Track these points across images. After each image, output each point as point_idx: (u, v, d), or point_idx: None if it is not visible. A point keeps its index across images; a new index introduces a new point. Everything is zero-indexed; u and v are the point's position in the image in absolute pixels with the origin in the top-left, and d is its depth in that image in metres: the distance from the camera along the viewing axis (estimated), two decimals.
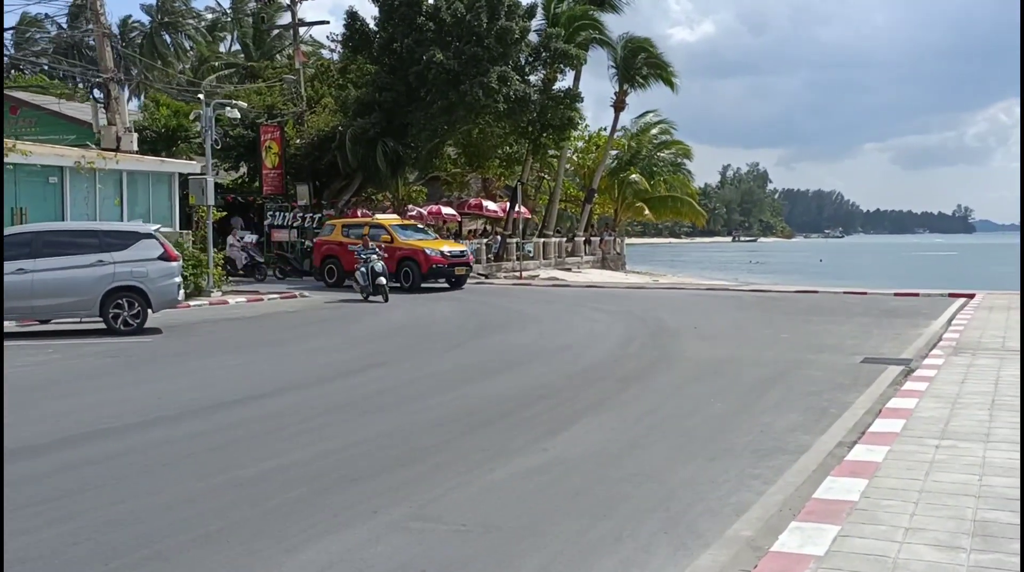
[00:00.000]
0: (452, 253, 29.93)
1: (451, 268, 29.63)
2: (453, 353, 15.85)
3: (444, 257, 29.37)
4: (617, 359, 14.95)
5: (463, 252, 31.03)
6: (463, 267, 30.46)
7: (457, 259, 30.01)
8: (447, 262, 29.38)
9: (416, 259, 29.13)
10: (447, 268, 29.49)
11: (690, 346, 16.35)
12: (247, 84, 47.13)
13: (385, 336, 18.26)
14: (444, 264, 29.27)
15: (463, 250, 31.28)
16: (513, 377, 13.06)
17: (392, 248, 28.82)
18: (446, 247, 30.27)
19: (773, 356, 15.06)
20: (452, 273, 29.78)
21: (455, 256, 29.98)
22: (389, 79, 37.91)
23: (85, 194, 24.40)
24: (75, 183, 24.37)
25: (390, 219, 32.74)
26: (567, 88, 40.99)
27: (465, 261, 30.77)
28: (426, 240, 30.50)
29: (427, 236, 31.54)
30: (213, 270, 26.86)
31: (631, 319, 21.05)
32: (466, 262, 30.92)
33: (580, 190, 57.85)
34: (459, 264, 30.12)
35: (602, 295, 28.59)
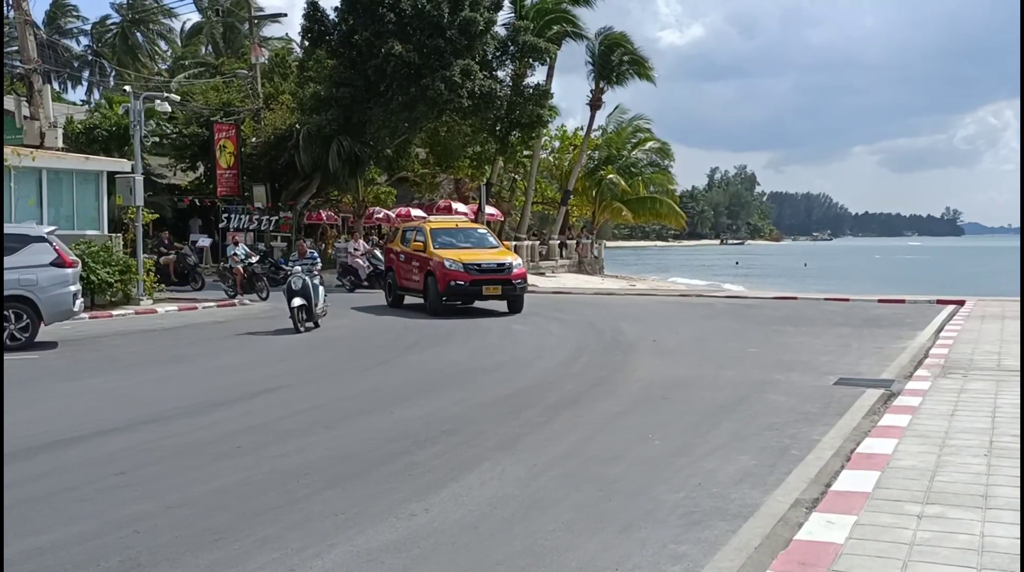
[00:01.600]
0: (484, 266, 22.14)
1: (477, 286, 21.92)
2: (371, 373, 13.84)
3: (469, 271, 21.89)
4: (556, 380, 12.97)
5: (504, 265, 22.43)
6: (499, 285, 22.11)
7: (493, 274, 22.14)
8: (469, 279, 21.85)
9: (435, 274, 22.20)
10: (469, 286, 21.92)
11: (643, 364, 14.38)
12: (202, 80, 45.04)
13: (306, 352, 16.23)
14: (466, 281, 21.83)
15: (504, 262, 22.54)
16: (424, 405, 11.06)
17: (423, 258, 22.89)
18: (484, 258, 22.52)
19: (735, 376, 13.10)
20: (480, 292, 22.04)
21: (490, 270, 22.17)
22: (347, 74, 35.95)
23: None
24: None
25: (443, 221, 25.86)
26: (536, 84, 39.03)
27: (508, 277, 22.20)
28: (473, 250, 23.02)
29: (485, 244, 24.03)
30: (144, 276, 24.80)
31: (587, 330, 19.10)
32: (508, 278, 22.20)
33: (557, 192, 55.93)
34: (495, 281, 22.11)
35: (566, 302, 26.61)
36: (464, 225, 25.67)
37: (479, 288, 21.96)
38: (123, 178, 24.51)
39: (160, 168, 43.71)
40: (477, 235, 24.67)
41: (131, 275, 24.24)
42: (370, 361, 14.96)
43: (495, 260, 22.54)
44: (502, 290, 22.11)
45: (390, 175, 44.20)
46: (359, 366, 14.46)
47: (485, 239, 24.48)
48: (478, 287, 21.96)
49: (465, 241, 23.76)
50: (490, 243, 24.22)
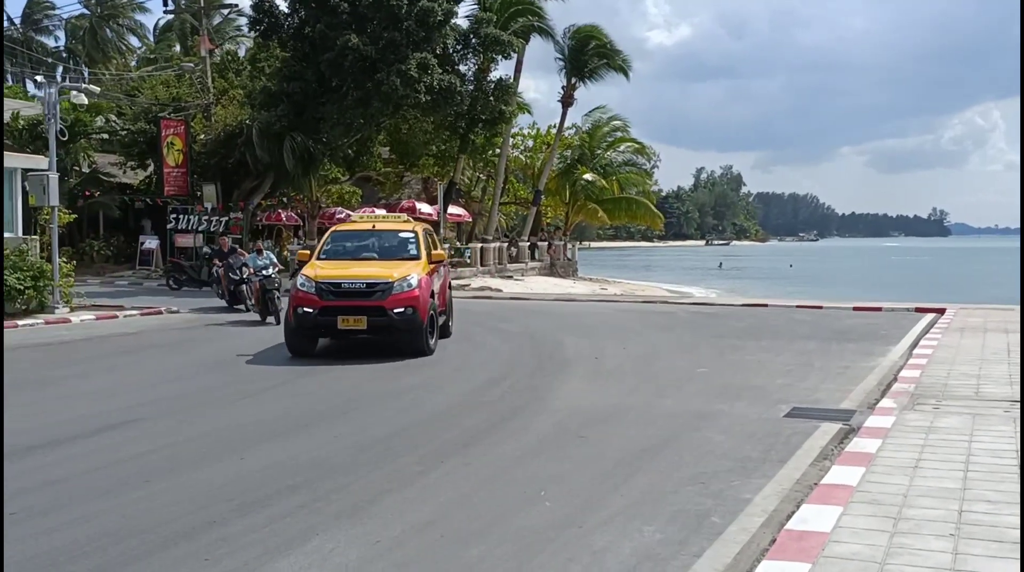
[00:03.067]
0: (346, 287, 15.36)
1: (330, 316, 15.28)
2: (250, 402, 11.92)
3: (321, 294, 15.30)
4: (462, 411, 11.13)
5: (378, 285, 15.37)
6: (363, 314, 15.27)
7: (356, 300, 15.34)
8: (320, 305, 15.28)
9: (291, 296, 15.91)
10: (318, 316, 15.34)
11: (572, 388, 12.56)
12: (158, 73, 43.10)
13: (198, 373, 14.32)
14: (315, 307, 15.29)
15: (379, 282, 15.43)
16: (289, 445, 9.22)
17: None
18: (354, 274, 15.72)
19: (672, 406, 11.29)
20: (334, 325, 15.34)
21: (352, 293, 15.36)
22: (299, 68, 34.15)
23: None
24: None
25: (359, 221, 19.20)
26: (499, 79, 37.19)
27: (379, 302, 15.25)
28: (358, 263, 16.49)
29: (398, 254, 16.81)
30: (60, 282, 22.89)
31: (526, 344, 17.28)
32: (380, 305, 15.24)
33: (530, 192, 54.12)
34: (358, 309, 15.30)
35: (518, 310, 24.77)
36: (390, 226, 17.82)
37: (333, 318, 15.17)
38: (35, 176, 22.52)
39: (110, 167, 41.80)
40: (397, 240, 17.28)
41: (45, 281, 22.33)
42: (259, 385, 13.05)
43: (368, 278, 15.44)
44: (368, 322, 15.08)
45: (351, 174, 42.33)
46: (242, 392, 12.55)
47: (404, 247, 16.98)
48: (331, 317, 15.21)
49: (371, 250, 17.18)
50: (406, 253, 16.68)
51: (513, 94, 43.47)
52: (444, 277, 18.12)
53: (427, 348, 15.70)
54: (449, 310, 18.48)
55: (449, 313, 18.45)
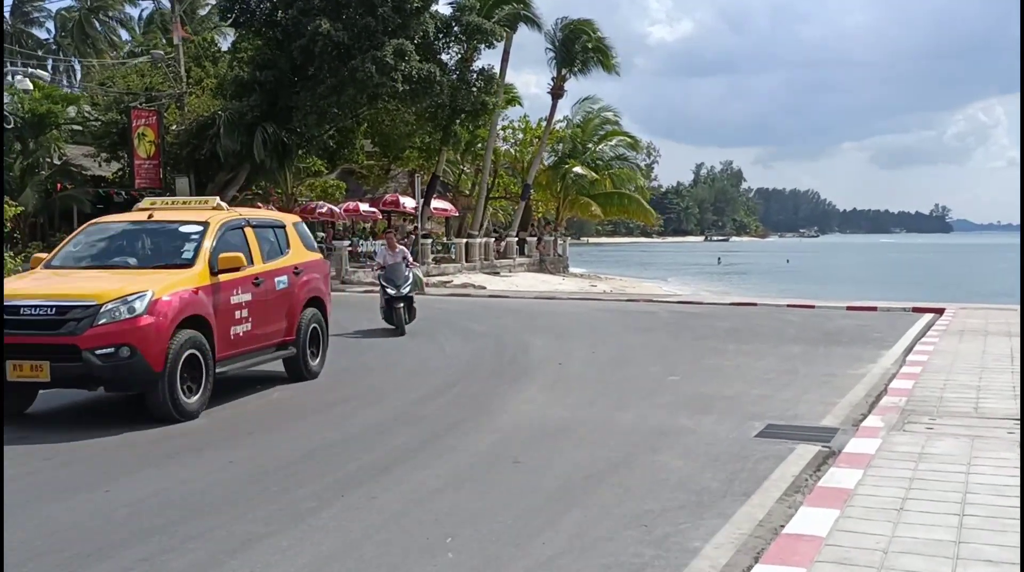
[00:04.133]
0: (24, 314, 9.57)
1: None
2: (150, 418, 10.64)
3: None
4: (395, 425, 9.82)
5: (70, 310, 9.63)
6: (43, 357, 9.53)
7: (32, 334, 9.57)
8: None
9: None
10: None
11: (524, 399, 11.24)
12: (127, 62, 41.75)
13: None
14: None
15: (76, 305, 9.67)
16: (168, 474, 7.93)
17: None
18: (49, 292, 9.96)
19: (632, 420, 9.98)
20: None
21: (28, 324, 9.57)
22: (272, 55, 32.74)
23: None
24: None
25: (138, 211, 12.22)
26: (482, 68, 35.82)
27: (72, 338, 9.52)
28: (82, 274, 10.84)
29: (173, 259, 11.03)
30: None
31: (491, 346, 15.98)
32: (72, 342, 9.53)
33: (520, 186, 52.78)
34: (31, 348, 9.54)
35: (495, 308, 23.45)
36: (173, 216, 11.96)
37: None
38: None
39: (84, 159, 40.40)
40: (174, 238, 11.51)
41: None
42: None
43: (61, 297, 9.79)
44: (51, 370, 9.53)
45: (332, 166, 40.96)
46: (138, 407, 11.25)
47: (178, 249, 11.20)
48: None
49: (131, 252, 11.47)
50: (178, 258, 10.97)
51: (500, 85, 42.26)
52: (292, 289, 12.43)
53: (172, 411, 9.89)
54: (318, 339, 13.06)
55: (318, 342, 13.06)
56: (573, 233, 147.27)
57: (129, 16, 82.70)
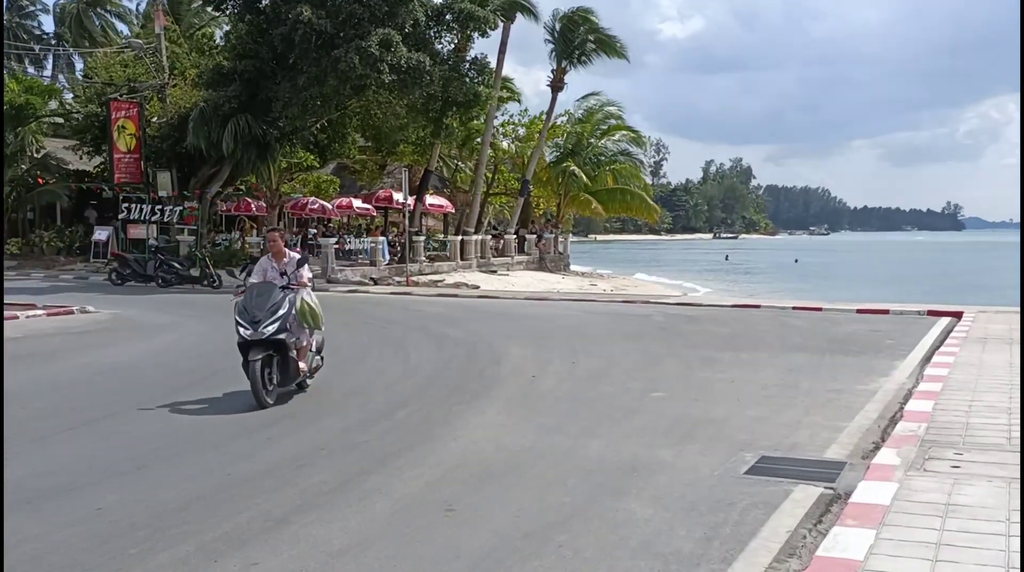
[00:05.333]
0: None
1: None
2: (34, 446, 9.08)
3: None
4: (321, 456, 8.28)
5: None
6: None
7: None
8: None
9: None
10: None
11: (482, 421, 9.69)
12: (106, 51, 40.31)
13: None
14: None
15: None
16: (10, 526, 6.42)
17: None
18: None
19: (600, 450, 8.44)
20: None
21: None
22: (253, 44, 31.30)
23: None
24: None
25: None
26: (474, 58, 34.20)
27: None
28: None
29: None
30: None
31: (462, 355, 14.45)
32: None
33: (519, 182, 51.18)
34: None
35: (479, 311, 21.90)
36: None
37: None
38: None
39: (64, 151, 39.06)
40: None
41: None
42: (63, 422, 10.16)
43: None
44: None
45: (323, 161, 39.43)
46: (36, 431, 9.68)
47: None
48: None
49: None
50: None
51: (496, 77, 40.71)
52: None
53: None
54: None
55: None
56: (580, 230, 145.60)
57: (128, 10, 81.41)
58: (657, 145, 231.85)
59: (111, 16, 79.64)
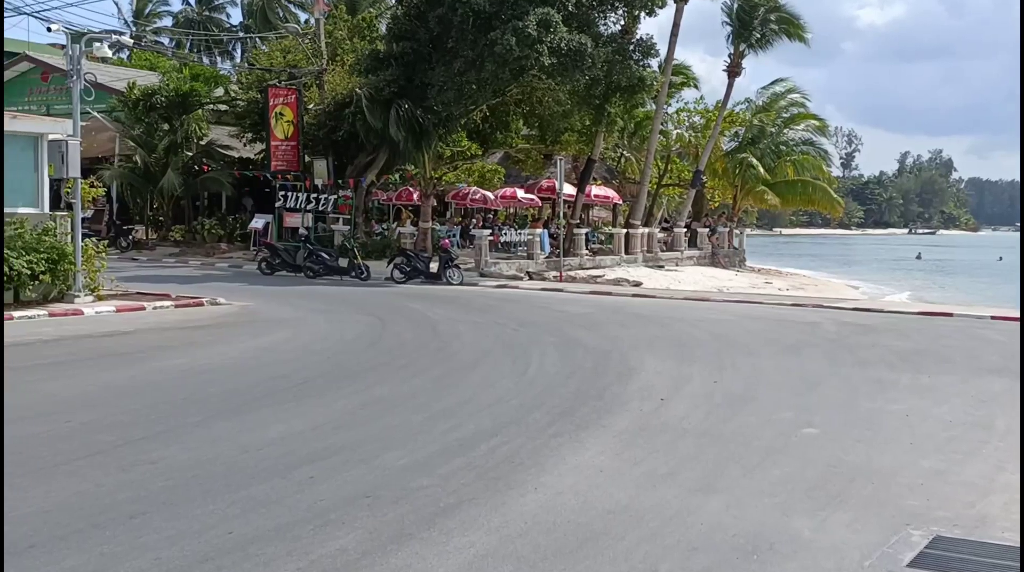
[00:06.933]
0: None
1: None
2: (65, 472, 7.77)
3: None
4: (362, 503, 6.64)
5: None
6: None
7: None
8: None
9: None
10: None
11: (576, 463, 7.85)
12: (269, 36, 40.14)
13: (73, 409, 10.27)
14: None
15: None
16: None
17: None
18: None
19: (716, 515, 6.48)
20: None
21: None
22: (410, 26, 30.10)
23: None
24: None
25: None
26: (639, 38, 32.03)
27: None
28: None
29: None
30: (82, 266, 19.62)
31: (588, 367, 12.61)
32: None
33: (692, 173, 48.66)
34: None
35: (627, 312, 19.96)
36: None
37: None
38: (53, 144, 19.22)
39: (229, 139, 39.10)
40: None
41: (66, 265, 19.10)
42: (132, 433, 8.91)
43: None
44: None
45: (486, 150, 38.12)
46: (88, 446, 8.40)
47: None
48: None
49: None
50: None
51: (667, 60, 38.52)
52: None
53: None
54: None
55: None
56: (764, 224, 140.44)
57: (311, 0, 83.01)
58: (849, 136, 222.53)
59: (293, 7, 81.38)
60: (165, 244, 37.14)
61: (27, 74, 43.17)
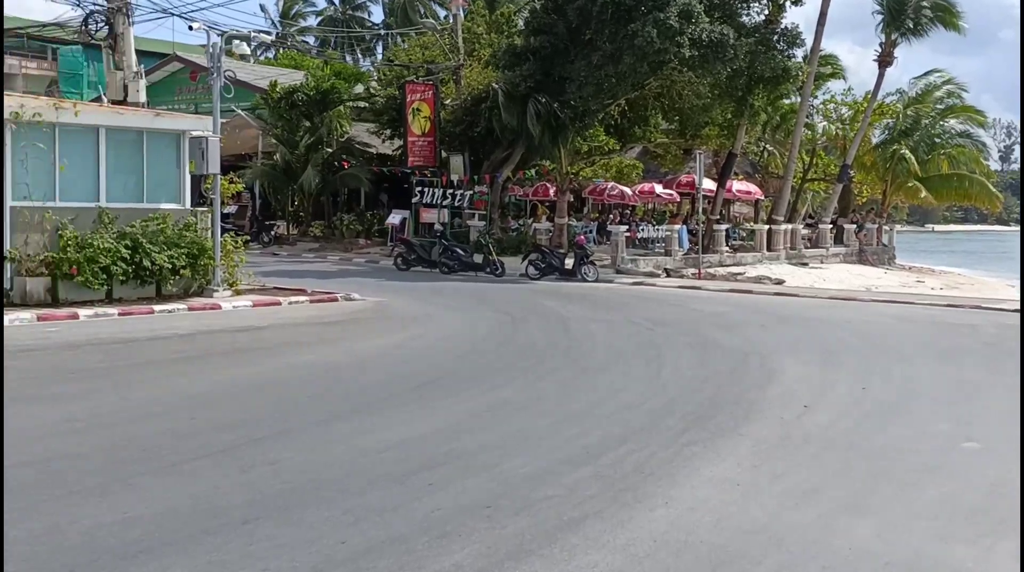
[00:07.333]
0: None
1: None
2: (132, 487, 7.63)
3: None
4: (478, 514, 6.27)
5: None
6: None
7: None
8: None
9: None
10: None
11: (709, 476, 7.31)
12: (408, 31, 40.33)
13: (177, 408, 10.16)
14: None
15: None
16: None
17: None
18: None
19: (862, 542, 5.88)
20: None
21: None
22: (548, 19, 29.78)
23: (23, 155, 17.91)
24: (22, 141, 17.95)
25: None
26: (784, 28, 30.88)
27: None
28: None
29: None
30: (221, 261, 19.90)
31: (726, 370, 12.00)
32: None
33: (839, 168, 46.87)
34: None
35: (769, 310, 19.14)
36: None
37: None
38: (194, 140, 19.53)
39: (368, 136, 39.48)
40: None
41: (206, 260, 19.41)
42: (253, 432, 8.74)
43: None
44: None
45: (623, 145, 37.51)
46: (178, 452, 8.24)
47: None
48: None
49: None
50: None
51: (814, 50, 37.13)
52: None
53: None
54: None
55: None
56: (916, 220, 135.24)
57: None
58: (1008, 128, 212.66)
59: (434, 4, 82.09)
60: (305, 239, 37.72)
61: (177, 74, 44.53)
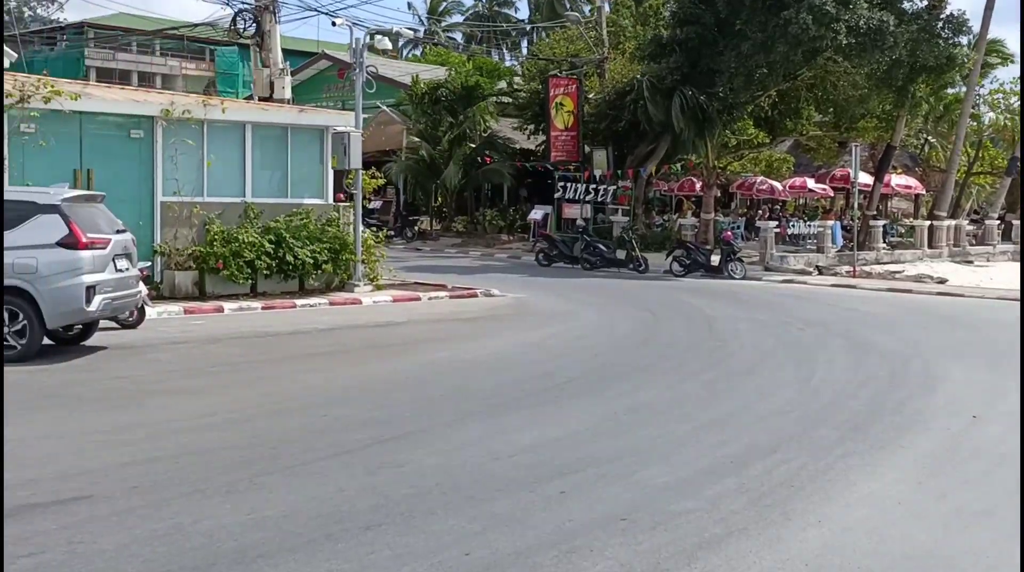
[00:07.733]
0: None
1: None
2: (202, 499, 7.38)
3: None
4: (614, 527, 5.81)
5: None
6: None
7: None
8: None
9: None
10: None
11: (864, 492, 6.67)
12: None
13: (260, 415, 9.92)
14: None
15: None
16: None
17: None
18: None
19: None
20: None
21: None
22: (695, 10, 28.96)
23: (173, 151, 18.27)
24: (172, 138, 18.32)
25: None
26: (948, 15, 29.16)
27: None
28: None
29: None
30: (362, 256, 19.93)
31: (884, 374, 11.24)
32: None
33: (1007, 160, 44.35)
34: None
35: (932, 311, 18.05)
36: None
37: None
38: (337, 136, 19.59)
39: (511, 131, 39.32)
40: None
41: (347, 254, 19.48)
42: (387, 431, 8.47)
43: None
44: None
45: (773, 138, 36.34)
46: (259, 464, 7.98)
47: None
48: None
49: None
50: None
51: (981, 37, 35.13)
52: None
53: None
54: None
55: None
56: None
57: None
58: None
59: (580, 1, 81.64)
60: (448, 234, 37.84)
61: (324, 72, 45.35)
